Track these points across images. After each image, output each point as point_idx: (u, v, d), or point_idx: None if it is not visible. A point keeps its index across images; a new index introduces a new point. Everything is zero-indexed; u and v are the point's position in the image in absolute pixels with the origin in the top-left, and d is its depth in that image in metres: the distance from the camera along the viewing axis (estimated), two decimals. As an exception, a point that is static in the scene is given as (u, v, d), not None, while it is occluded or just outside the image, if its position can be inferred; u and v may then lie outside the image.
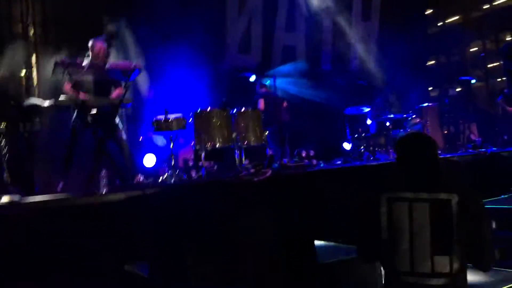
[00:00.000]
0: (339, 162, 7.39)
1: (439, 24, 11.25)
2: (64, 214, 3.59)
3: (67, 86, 4.76)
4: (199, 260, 3.59)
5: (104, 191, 4.25)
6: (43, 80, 5.99)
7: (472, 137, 8.33)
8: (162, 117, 5.34)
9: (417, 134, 2.63)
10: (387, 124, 8.13)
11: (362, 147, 7.72)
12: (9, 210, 3.38)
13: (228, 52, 9.02)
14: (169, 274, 3.70)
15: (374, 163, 6.31)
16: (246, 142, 5.35)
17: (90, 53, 5.11)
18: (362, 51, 10.60)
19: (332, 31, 10.20)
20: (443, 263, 2.14)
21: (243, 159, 5.39)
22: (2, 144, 4.76)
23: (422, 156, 2.32)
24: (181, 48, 7.48)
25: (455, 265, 2.14)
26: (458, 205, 2.16)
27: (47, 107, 4.62)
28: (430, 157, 2.32)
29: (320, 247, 3.88)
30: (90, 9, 6.86)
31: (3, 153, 4.75)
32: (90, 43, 5.17)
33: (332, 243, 2.58)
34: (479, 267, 2.27)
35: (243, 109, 5.43)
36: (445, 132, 8.71)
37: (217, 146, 5.21)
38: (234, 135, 5.28)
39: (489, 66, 10.36)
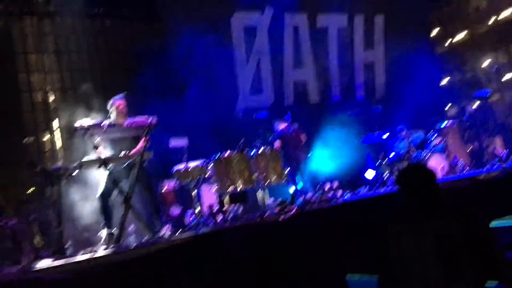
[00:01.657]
0: (364, 190, 7.32)
1: (446, 45, 11.28)
2: (97, 272, 3.63)
3: (92, 147, 4.91)
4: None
5: (134, 245, 4.30)
6: (65, 143, 6.20)
7: (497, 151, 8.16)
8: (182, 166, 5.44)
9: (416, 167, 2.72)
10: (410, 147, 8.07)
11: (386, 174, 7.65)
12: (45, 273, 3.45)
13: (240, 95, 9.20)
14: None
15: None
16: (267, 181, 5.37)
17: (112, 112, 5.28)
18: (370, 78, 10.69)
19: (338, 64, 10.33)
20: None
21: (267, 198, 5.39)
22: (31, 209, 4.90)
23: (421, 188, 2.40)
24: (195, 97, 7.69)
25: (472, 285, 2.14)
26: (462, 230, 2.19)
27: (72, 170, 4.75)
28: (429, 187, 2.40)
29: (354, 282, 3.79)
30: (106, 70, 7.20)
31: (33, 218, 4.88)
32: (110, 103, 5.36)
33: (365, 277, 2.53)
34: (502, 281, 2.21)
35: (261, 150, 5.48)
36: (470, 148, 8.56)
37: (239, 189, 5.25)
38: (255, 176, 5.31)
39: (503, 80, 10.29)
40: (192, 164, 5.45)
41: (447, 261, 2.17)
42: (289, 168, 6.51)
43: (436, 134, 8.29)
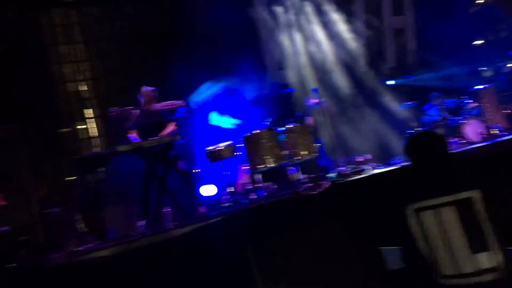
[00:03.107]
0: (400, 161, 7.21)
1: (479, 2, 10.75)
2: (139, 254, 3.79)
3: (125, 132, 5.05)
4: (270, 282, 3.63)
5: (171, 226, 4.44)
6: (101, 131, 6.39)
7: (538, 111, 7.83)
8: (213, 147, 5.51)
9: (423, 134, 2.54)
10: (445, 115, 7.88)
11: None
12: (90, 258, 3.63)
13: (268, 71, 9.15)
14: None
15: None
16: (298, 157, 5.38)
17: (142, 99, 5.37)
18: (401, 46, 10.38)
19: (365, 33, 10.07)
20: (485, 259, 2.11)
21: (299, 174, 5.41)
22: (73, 197, 5.12)
23: (433, 159, 2.28)
24: (224, 76, 7.71)
25: (499, 258, 2.11)
26: (482, 200, 2.13)
27: (109, 156, 4.91)
28: (441, 156, 2.29)
29: (389, 253, 3.81)
30: (136, 58, 7.29)
31: (75, 205, 5.10)
32: (141, 91, 5.44)
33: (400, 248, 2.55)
34: None
35: (290, 125, 5.47)
36: (507, 111, 8.25)
37: (270, 165, 5.28)
38: (286, 152, 5.33)
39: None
40: (223, 144, 5.51)
41: (470, 232, 2.13)
42: (320, 142, 6.47)
43: (471, 99, 8.03)
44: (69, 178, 5.76)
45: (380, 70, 9.73)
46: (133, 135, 4.93)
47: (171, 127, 5.14)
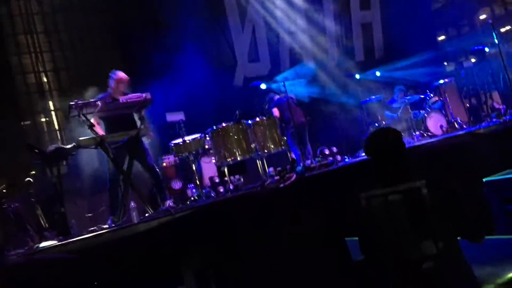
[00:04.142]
0: (363, 154, 7.33)
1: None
2: (103, 250, 3.69)
3: (87, 125, 4.88)
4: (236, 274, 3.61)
5: (137, 220, 4.35)
6: (62, 124, 6.19)
7: (495, 105, 8.13)
8: (179, 140, 5.43)
9: (381, 131, 2.68)
10: (408, 108, 8.07)
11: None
12: (50, 254, 3.51)
13: (238, 63, 9.11)
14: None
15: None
16: (266, 150, 5.37)
17: (112, 84, 5.23)
18: (367, 41, 10.55)
19: (334, 27, 10.18)
20: (428, 246, 2.22)
21: (266, 167, 5.41)
22: (33, 192, 4.94)
23: (387, 152, 2.43)
24: (194, 66, 7.62)
25: (441, 246, 2.21)
26: (428, 190, 2.24)
27: (70, 150, 4.75)
28: (395, 150, 2.44)
29: (354, 244, 3.86)
30: (98, 48, 7.10)
31: (35, 200, 4.92)
32: (112, 75, 5.25)
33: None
34: (469, 239, 2.31)
35: (258, 119, 5.46)
36: (467, 105, 8.53)
37: (238, 159, 5.25)
38: (253, 145, 5.31)
39: (499, 31, 10.13)
40: (189, 138, 5.44)
41: (415, 220, 2.24)
42: (287, 136, 6.50)
43: (433, 93, 8.25)
44: (30, 173, 5.54)
45: (348, 64, 9.86)
46: (97, 128, 4.79)
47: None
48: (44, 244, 3.81)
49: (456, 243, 2.30)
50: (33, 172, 5.32)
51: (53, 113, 6.49)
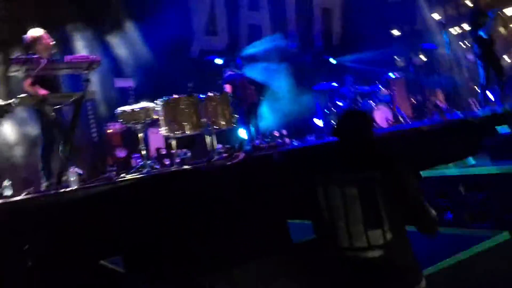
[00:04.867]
0: (312, 139, 7.47)
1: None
2: (38, 212, 3.54)
3: (26, 83, 4.59)
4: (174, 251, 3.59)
5: (75, 186, 4.20)
6: (1, 80, 5.80)
7: (439, 104, 8.50)
8: (128, 108, 5.25)
9: (350, 114, 2.69)
10: (357, 98, 8.26)
11: (333, 122, 7.81)
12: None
13: (195, 35, 8.89)
14: (144, 268, 3.70)
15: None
16: (216, 126, 5.31)
17: (34, 46, 4.75)
18: (326, 26, 10.62)
19: (294, 8, 10.16)
20: (376, 236, 2.26)
21: (215, 144, 5.36)
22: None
23: (351, 136, 2.43)
24: (148, 34, 7.35)
25: (388, 236, 2.26)
26: (381, 179, 2.26)
27: (7, 106, 4.44)
28: (364, 134, 2.43)
29: (295, 226, 3.94)
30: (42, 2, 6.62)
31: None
32: (29, 36, 4.79)
33: (307, 222, 2.63)
34: (423, 233, 2.36)
35: (211, 94, 5.37)
36: (413, 101, 8.86)
37: (187, 133, 5.17)
38: (204, 120, 5.24)
39: (451, 32, 10.53)
40: (138, 106, 5.27)
41: (367, 210, 2.26)
42: (238, 113, 6.46)
43: (383, 85, 8.49)
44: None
45: (307, 48, 9.89)
46: (37, 86, 4.50)
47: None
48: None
49: (404, 232, 2.34)
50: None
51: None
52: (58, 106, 4.62)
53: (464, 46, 10.32)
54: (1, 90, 5.80)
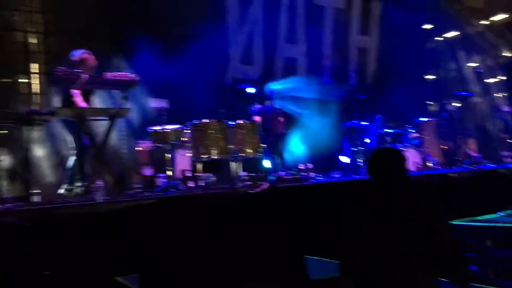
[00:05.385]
0: (337, 176, 7.40)
1: (437, 39, 11.29)
2: (62, 223, 3.61)
3: (72, 95, 4.76)
4: (191, 272, 3.58)
5: (101, 200, 4.27)
6: (43, 89, 6.03)
7: (470, 153, 8.33)
8: (159, 127, 5.37)
9: (386, 150, 2.59)
10: (387, 138, 8.19)
11: (360, 161, 7.75)
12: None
13: (230, 63, 9.07)
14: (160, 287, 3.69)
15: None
16: (243, 153, 5.36)
17: (79, 66, 4.92)
18: (361, 65, 10.68)
19: (331, 45, 10.28)
20: (406, 277, 2.17)
21: (240, 171, 5.40)
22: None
23: (386, 172, 2.33)
24: (184, 59, 7.55)
25: (419, 277, 2.17)
26: (417, 223, 2.18)
27: (45, 116, 4.63)
28: (395, 172, 2.33)
29: (313, 263, 3.88)
30: (93, 19, 6.92)
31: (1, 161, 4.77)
32: (74, 56, 5.02)
33: (325, 259, 2.57)
34: (455, 285, 2.26)
35: (240, 121, 5.45)
36: (444, 147, 8.71)
37: (213, 157, 5.23)
38: (231, 146, 5.30)
39: (487, 81, 10.42)
40: (170, 127, 5.39)
41: (399, 248, 2.18)
42: (265, 143, 6.50)
43: (414, 129, 8.40)
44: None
45: (341, 85, 9.93)
46: (78, 99, 4.68)
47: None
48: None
49: (437, 283, 2.24)
50: (5, 131, 5.15)
51: (36, 76, 6.29)
52: (93, 119, 4.78)
53: (501, 96, 10.17)
54: (42, 100, 6.02)
